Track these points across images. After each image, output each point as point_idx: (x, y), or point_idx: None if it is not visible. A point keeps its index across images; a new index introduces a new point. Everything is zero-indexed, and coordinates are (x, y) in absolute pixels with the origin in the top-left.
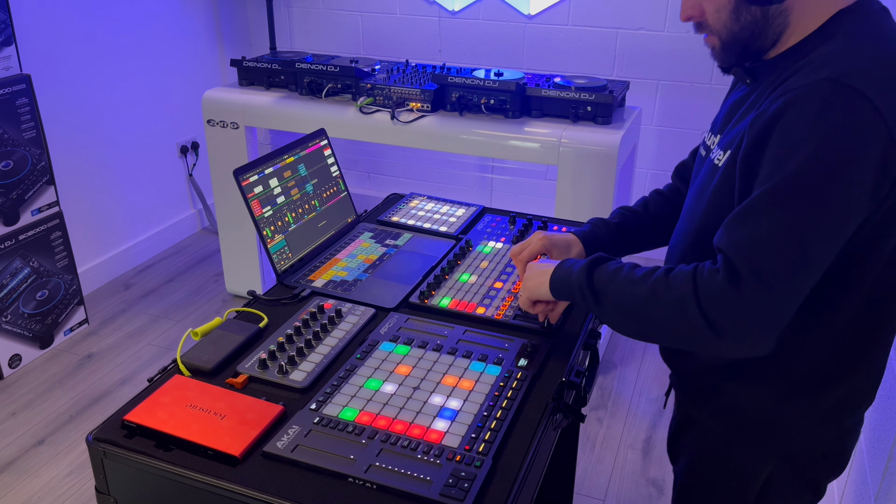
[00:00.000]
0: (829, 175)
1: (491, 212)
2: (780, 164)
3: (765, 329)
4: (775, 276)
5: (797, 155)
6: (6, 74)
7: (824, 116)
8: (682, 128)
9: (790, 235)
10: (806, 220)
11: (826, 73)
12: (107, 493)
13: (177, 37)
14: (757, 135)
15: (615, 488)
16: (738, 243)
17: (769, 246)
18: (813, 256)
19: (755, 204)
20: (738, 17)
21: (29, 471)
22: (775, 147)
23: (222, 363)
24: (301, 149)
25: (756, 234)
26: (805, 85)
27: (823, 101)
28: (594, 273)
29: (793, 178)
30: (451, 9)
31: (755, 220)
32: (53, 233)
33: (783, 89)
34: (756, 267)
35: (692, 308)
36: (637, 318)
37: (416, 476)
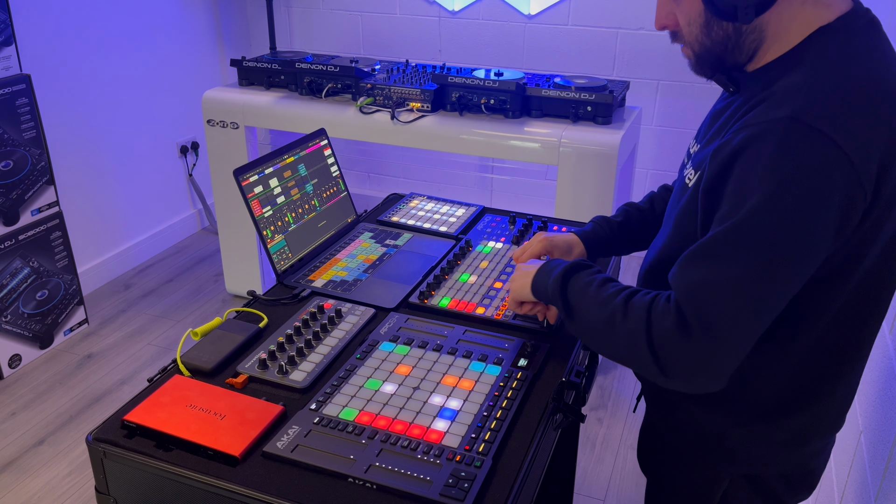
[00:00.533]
0: (787, 219)
1: (491, 212)
2: (736, 206)
3: (713, 374)
4: (725, 325)
5: (753, 198)
6: (6, 74)
7: (782, 158)
8: (682, 128)
9: (743, 283)
10: (760, 267)
11: (786, 110)
12: (107, 493)
13: (177, 37)
14: (718, 168)
15: (615, 488)
16: (689, 286)
17: (720, 293)
18: (766, 303)
19: (709, 246)
20: (709, 32)
21: (29, 471)
22: (734, 185)
23: (222, 363)
24: (301, 149)
25: (708, 278)
26: (764, 122)
27: (781, 141)
28: (568, 283)
29: (748, 222)
30: (451, 9)
31: (708, 263)
32: (53, 233)
33: (745, 122)
34: (705, 315)
35: (642, 345)
36: (597, 338)
37: (416, 476)
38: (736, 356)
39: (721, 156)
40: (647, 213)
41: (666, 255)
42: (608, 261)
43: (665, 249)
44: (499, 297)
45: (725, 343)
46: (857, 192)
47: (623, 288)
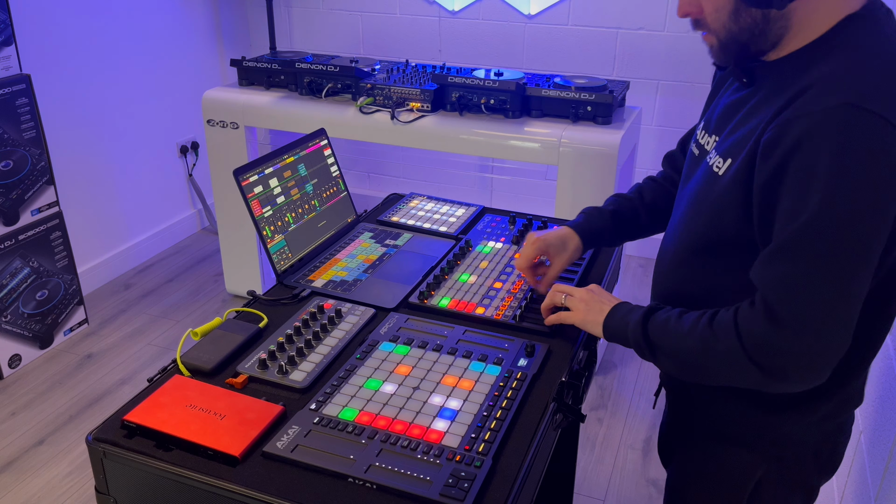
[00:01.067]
0: (864, 207)
1: (491, 212)
2: (807, 199)
3: (815, 366)
4: (817, 315)
5: (825, 188)
6: (6, 74)
7: (848, 145)
8: (682, 128)
9: (828, 273)
10: (842, 256)
11: (842, 96)
12: (107, 493)
13: (177, 37)
14: (778, 161)
15: (615, 488)
16: (775, 282)
17: (808, 286)
18: (853, 289)
19: (791, 241)
20: (737, 19)
21: (29, 471)
22: (798, 178)
23: (222, 363)
24: (301, 149)
25: (794, 273)
26: (821, 110)
27: (843, 127)
28: (648, 328)
29: (823, 213)
30: (451, 9)
31: (792, 257)
32: (53, 233)
33: (796, 110)
34: (796, 307)
35: (742, 359)
36: (694, 369)
37: (416, 476)
38: (835, 346)
39: (778, 149)
40: (637, 204)
41: (705, 242)
42: (609, 258)
43: (697, 237)
44: (499, 297)
45: (820, 333)
46: None
47: (702, 313)
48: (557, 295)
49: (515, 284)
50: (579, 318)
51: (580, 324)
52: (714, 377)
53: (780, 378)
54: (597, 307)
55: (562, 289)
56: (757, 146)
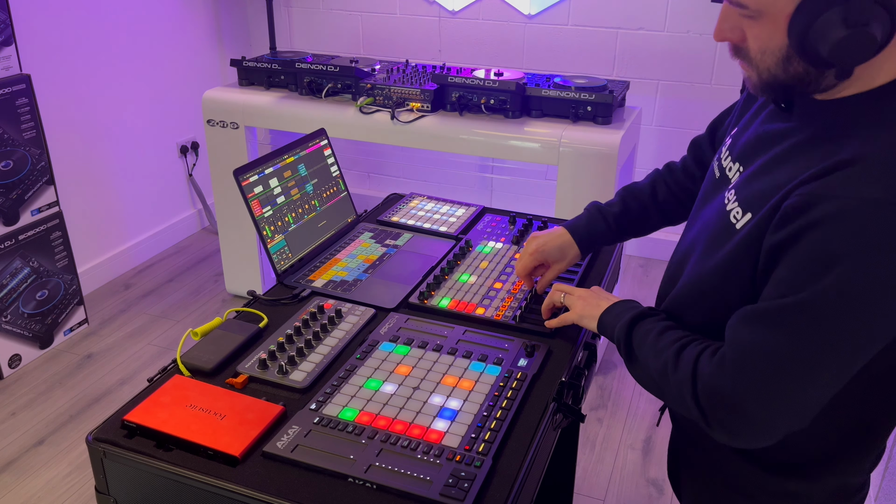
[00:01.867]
0: (869, 307)
1: (491, 212)
2: (814, 279)
3: (760, 435)
4: (773, 395)
5: (838, 276)
6: (6, 74)
7: (875, 243)
8: (682, 128)
9: (803, 359)
10: (826, 348)
11: (884, 190)
12: (107, 493)
13: (177, 37)
14: (790, 232)
15: (615, 488)
16: (744, 345)
17: (776, 362)
18: (824, 380)
19: (776, 312)
20: (786, 67)
21: (29, 471)
22: (811, 256)
23: (222, 363)
24: (301, 149)
25: (766, 343)
26: (856, 198)
27: (877, 226)
28: (632, 333)
29: (827, 301)
30: (451, 9)
31: (771, 329)
32: (53, 233)
33: (829, 188)
34: (756, 380)
35: (689, 396)
36: (652, 386)
37: (416, 476)
38: (782, 425)
39: (799, 219)
40: (648, 202)
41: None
42: (609, 258)
43: (706, 280)
44: (499, 297)
45: (770, 409)
46: None
47: (679, 337)
48: (557, 294)
49: (515, 284)
50: (577, 314)
51: (577, 319)
52: (672, 402)
53: (720, 430)
54: (594, 302)
55: (562, 288)
56: (777, 208)
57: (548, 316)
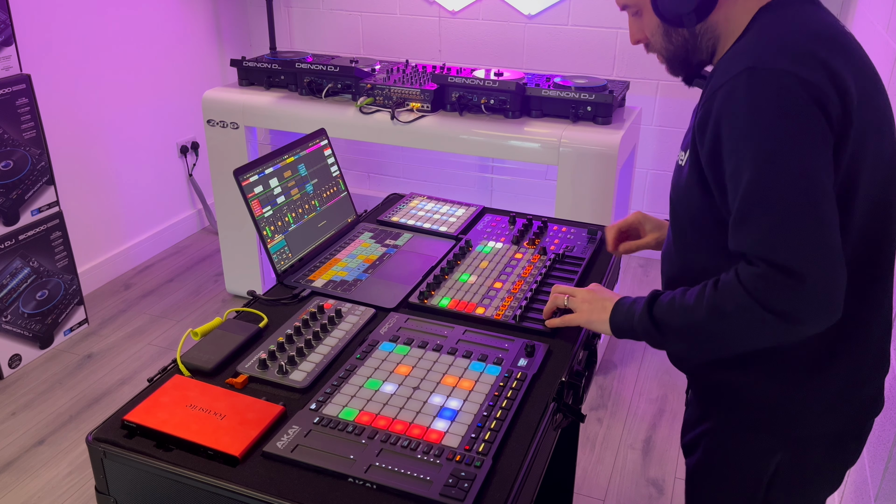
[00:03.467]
0: (791, 144)
1: (491, 212)
2: (743, 157)
3: (828, 297)
4: (809, 251)
5: (752, 141)
6: (6, 74)
7: (756, 99)
8: (682, 128)
9: (795, 210)
10: (797, 191)
11: (743, 63)
12: (107, 493)
13: (177, 37)
14: (711, 137)
15: (615, 488)
16: (757, 241)
17: (787, 228)
18: (825, 218)
19: (747, 201)
20: (669, 39)
21: (29, 471)
22: (731, 143)
23: (222, 363)
24: (301, 149)
25: (767, 224)
26: (729, 79)
27: (749, 86)
28: (654, 313)
29: (760, 164)
30: (451, 9)
31: (758, 215)
32: (53, 233)
33: (710, 89)
34: (788, 251)
35: (757, 311)
36: (707, 340)
37: (416, 476)
38: (835, 273)
39: (708, 125)
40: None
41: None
42: (609, 258)
43: (679, 225)
44: (499, 296)
45: (817, 263)
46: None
47: (703, 285)
48: (559, 297)
49: (515, 284)
50: (584, 318)
51: (586, 324)
52: (729, 343)
53: (798, 320)
54: (600, 305)
55: (563, 290)
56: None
57: (549, 317)
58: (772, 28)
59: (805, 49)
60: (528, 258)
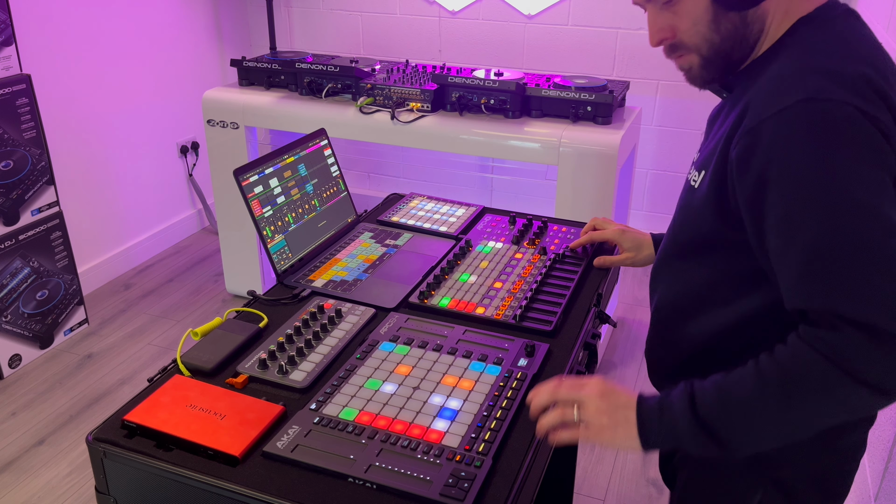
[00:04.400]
0: (860, 185)
1: (491, 212)
2: (807, 200)
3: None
4: (887, 297)
5: (822, 183)
6: (6, 74)
7: (820, 135)
8: (682, 128)
9: (881, 259)
10: (863, 234)
11: (800, 93)
12: (107, 493)
13: (177, 37)
14: (757, 174)
15: (615, 488)
16: (831, 292)
17: (873, 282)
18: (893, 258)
19: (817, 252)
20: (718, 27)
21: (29, 471)
22: (786, 184)
23: (222, 363)
24: (301, 149)
25: (850, 278)
26: (776, 112)
27: (810, 120)
28: (701, 417)
29: (836, 210)
30: (451, 9)
31: (836, 267)
32: (53, 233)
33: (756, 116)
34: (879, 309)
35: (849, 386)
36: (780, 432)
37: (416, 476)
38: None
39: (754, 159)
40: None
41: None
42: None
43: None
44: (499, 296)
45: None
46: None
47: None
48: (568, 411)
49: (515, 284)
50: (604, 438)
51: (606, 445)
52: (808, 430)
53: (892, 387)
54: (621, 417)
55: (569, 397)
56: (725, 158)
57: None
58: (821, 49)
59: (862, 77)
60: (528, 258)
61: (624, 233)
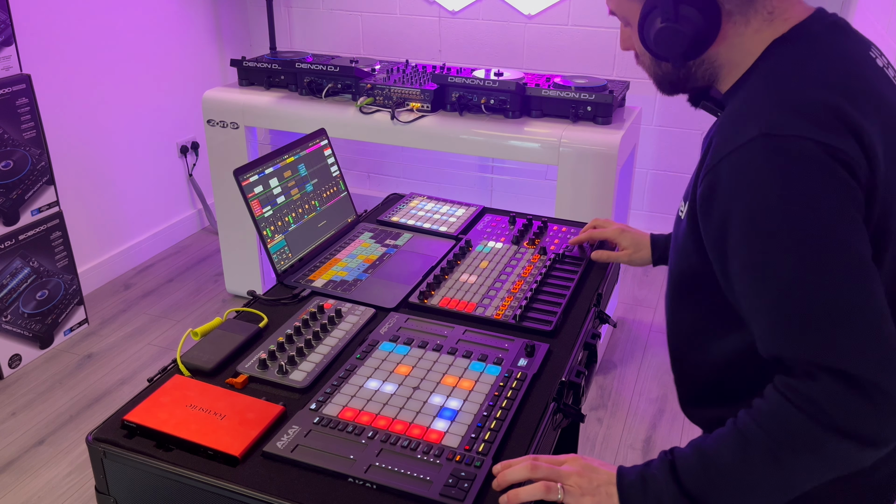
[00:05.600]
0: (823, 224)
1: (491, 212)
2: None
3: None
4: (877, 350)
5: (783, 224)
6: (6, 74)
7: (780, 175)
8: (682, 128)
9: (840, 299)
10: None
11: (754, 128)
12: (107, 493)
13: (177, 37)
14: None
15: None
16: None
17: (833, 323)
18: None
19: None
20: (658, 65)
21: (29, 471)
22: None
23: (222, 363)
24: (301, 149)
25: (811, 323)
26: (737, 148)
27: (766, 158)
28: (685, 485)
29: (799, 252)
30: (451, 9)
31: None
32: (53, 233)
33: (716, 154)
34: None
35: (832, 439)
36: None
37: (416, 476)
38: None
39: (715, 202)
40: None
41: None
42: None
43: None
44: (499, 296)
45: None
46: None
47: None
48: (552, 486)
49: (515, 284)
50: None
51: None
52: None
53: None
54: (603, 494)
55: (548, 475)
56: (695, 195)
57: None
58: (788, 75)
59: (829, 106)
60: (528, 258)
61: (624, 231)
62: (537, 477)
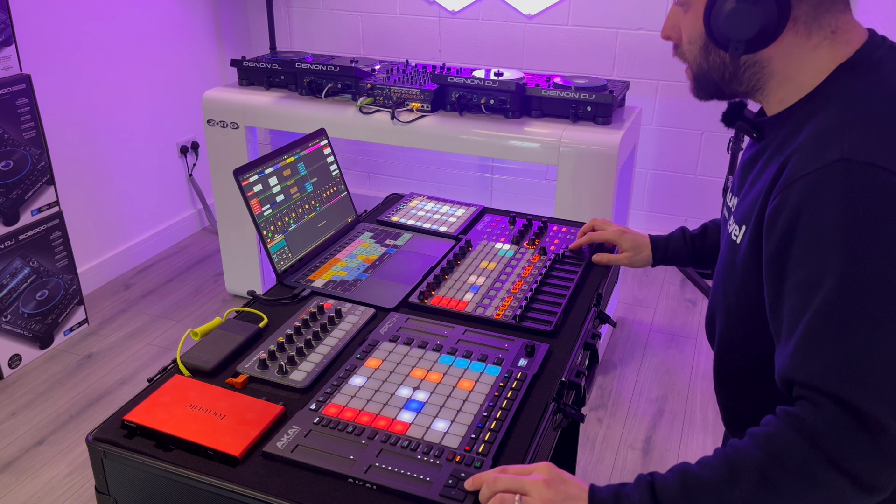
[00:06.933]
0: (877, 257)
1: (491, 212)
2: (822, 268)
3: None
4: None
5: (839, 253)
6: (6, 74)
7: (853, 204)
8: (682, 128)
9: (878, 337)
10: (878, 314)
11: (836, 152)
12: (107, 493)
13: (177, 37)
14: (781, 233)
15: None
16: (830, 368)
17: (864, 357)
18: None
19: (822, 318)
20: (706, 56)
21: (29, 471)
22: (806, 247)
23: (222, 363)
24: (301, 149)
25: (842, 352)
26: (815, 170)
27: (845, 186)
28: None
29: (851, 279)
30: (451, 9)
31: (834, 335)
32: (53, 233)
33: (792, 174)
34: (869, 390)
35: (829, 471)
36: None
37: (416, 476)
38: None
39: (781, 217)
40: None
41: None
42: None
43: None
44: (499, 296)
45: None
46: None
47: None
48: (507, 499)
49: (515, 284)
50: None
51: None
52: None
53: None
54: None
55: (510, 485)
56: (763, 215)
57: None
58: (866, 101)
59: None
60: (528, 258)
61: (623, 234)
62: (496, 489)
